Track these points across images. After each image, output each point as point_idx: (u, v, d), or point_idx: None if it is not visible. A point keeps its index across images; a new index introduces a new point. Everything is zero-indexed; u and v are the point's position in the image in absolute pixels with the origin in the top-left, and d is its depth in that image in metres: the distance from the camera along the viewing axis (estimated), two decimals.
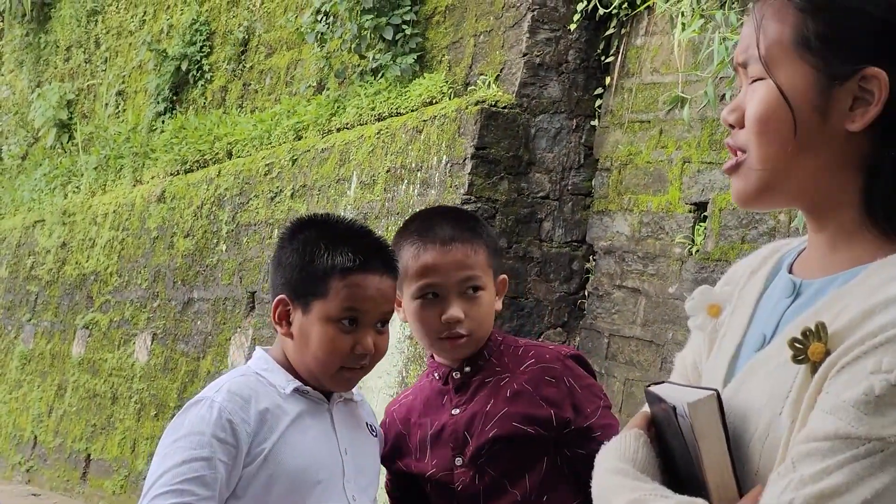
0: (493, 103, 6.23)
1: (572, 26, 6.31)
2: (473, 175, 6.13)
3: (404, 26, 7.29)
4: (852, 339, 1.47)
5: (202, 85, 10.14)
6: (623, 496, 1.59)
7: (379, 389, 6.08)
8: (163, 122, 10.44)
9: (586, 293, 6.22)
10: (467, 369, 2.68)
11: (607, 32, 6.31)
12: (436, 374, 2.73)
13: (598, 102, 6.35)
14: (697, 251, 5.52)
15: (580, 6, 6.27)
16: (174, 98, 10.53)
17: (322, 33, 7.88)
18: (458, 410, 2.66)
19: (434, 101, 6.82)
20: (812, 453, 1.45)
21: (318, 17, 7.90)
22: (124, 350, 9.55)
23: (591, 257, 6.25)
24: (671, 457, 1.65)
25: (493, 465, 2.60)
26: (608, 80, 6.29)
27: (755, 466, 1.55)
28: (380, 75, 7.46)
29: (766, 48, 1.61)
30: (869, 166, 1.57)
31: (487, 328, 2.67)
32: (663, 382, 1.71)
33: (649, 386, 1.70)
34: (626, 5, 6.14)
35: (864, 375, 1.44)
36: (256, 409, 2.45)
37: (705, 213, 5.53)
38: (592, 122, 6.35)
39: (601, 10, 6.22)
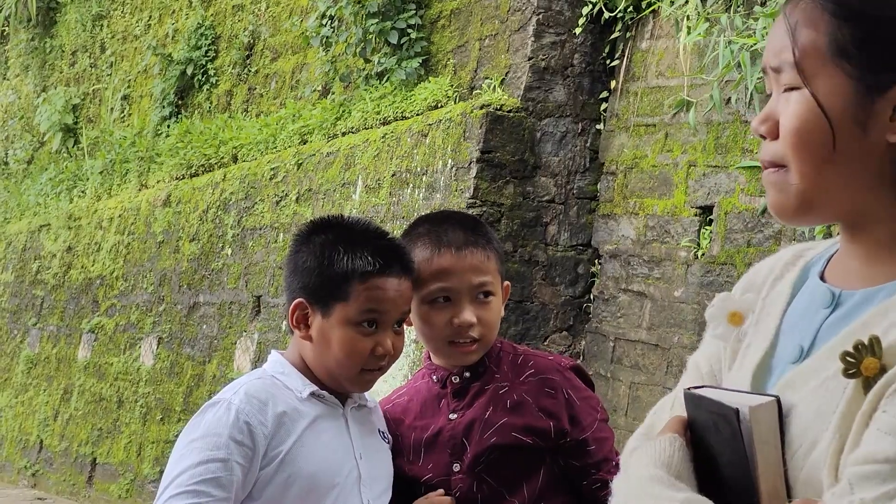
0: (499, 107, 6.23)
1: (577, 30, 6.31)
2: (479, 179, 6.13)
3: (409, 30, 7.29)
4: None
5: (207, 89, 10.15)
6: None
7: (385, 393, 6.07)
8: (168, 126, 10.45)
9: (592, 297, 6.22)
10: (467, 374, 2.68)
11: (612, 36, 6.31)
12: (433, 377, 2.73)
13: (603, 106, 6.35)
14: (703, 255, 5.52)
15: (585, 10, 6.27)
16: (179, 102, 10.53)
17: (327, 37, 7.88)
18: (455, 416, 2.65)
19: (439, 105, 6.83)
20: (871, 476, 1.39)
21: (324, 22, 7.91)
22: (130, 354, 9.56)
23: (596, 261, 6.25)
24: (713, 462, 1.59)
25: (492, 473, 2.61)
26: (613, 83, 6.29)
27: (793, 480, 1.51)
28: (385, 79, 7.46)
29: (801, 56, 1.54)
30: None
31: (495, 334, 2.68)
32: (702, 387, 1.65)
33: (689, 389, 1.64)
34: (631, 9, 6.14)
35: None
36: (274, 411, 2.46)
37: (711, 217, 5.52)
38: (598, 126, 6.35)
39: (606, 14, 6.22)
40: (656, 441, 1.62)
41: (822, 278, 1.64)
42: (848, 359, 1.45)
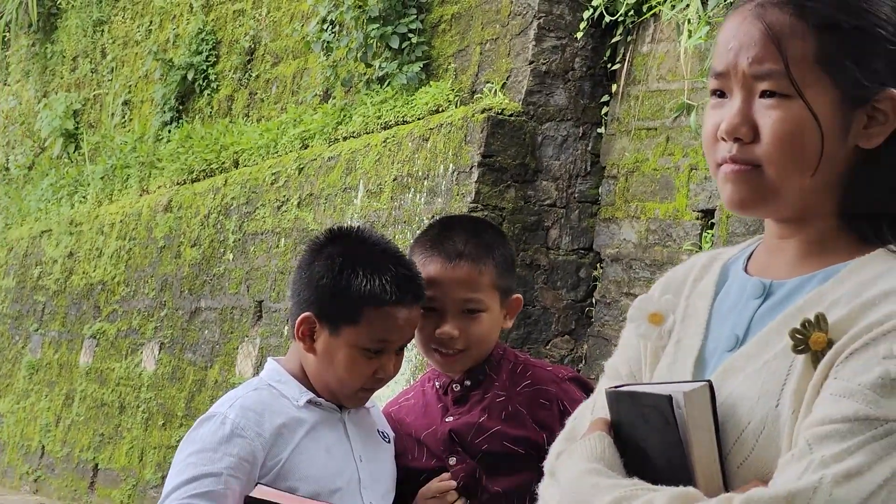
0: (500, 111, 6.23)
1: (578, 34, 6.31)
2: (480, 183, 6.13)
3: (410, 35, 7.29)
4: (857, 328, 1.51)
5: (208, 94, 10.15)
6: (605, 495, 1.55)
7: (387, 398, 6.07)
8: (169, 131, 10.45)
9: (594, 301, 6.21)
10: (467, 383, 2.69)
11: (613, 40, 6.31)
12: (436, 383, 2.74)
13: (604, 110, 6.35)
14: None
15: (586, 14, 6.27)
16: (180, 107, 10.53)
17: (328, 42, 7.88)
18: (451, 418, 2.68)
19: (440, 110, 6.83)
20: (830, 435, 1.46)
21: (324, 27, 7.91)
22: (132, 359, 9.56)
23: (598, 265, 6.25)
24: (643, 457, 1.62)
25: (486, 470, 2.62)
26: (614, 87, 6.29)
27: (741, 460, 1.57)
28: (386, 84, 7.46)
29: (793, 66, 1.60)
30: (852, 180, 1.62)
31: (486, 347, 2.67)
32: (623, 386, 1.70)
33: (610, 388, 1.69)
34: (632, 13, 6.14)
35: (877, 360, 1.47)
36: (271, 422, 2.48)
37: (713, 221, 5.52)
38: (599, 130, 6.35)
39: (607, 18, 6.22)
40: (584, 440, 1.65)
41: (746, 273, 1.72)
42: (797, 336, 1.53)
